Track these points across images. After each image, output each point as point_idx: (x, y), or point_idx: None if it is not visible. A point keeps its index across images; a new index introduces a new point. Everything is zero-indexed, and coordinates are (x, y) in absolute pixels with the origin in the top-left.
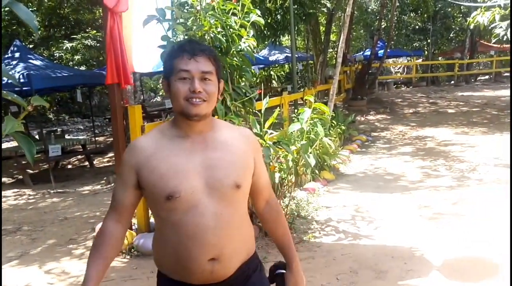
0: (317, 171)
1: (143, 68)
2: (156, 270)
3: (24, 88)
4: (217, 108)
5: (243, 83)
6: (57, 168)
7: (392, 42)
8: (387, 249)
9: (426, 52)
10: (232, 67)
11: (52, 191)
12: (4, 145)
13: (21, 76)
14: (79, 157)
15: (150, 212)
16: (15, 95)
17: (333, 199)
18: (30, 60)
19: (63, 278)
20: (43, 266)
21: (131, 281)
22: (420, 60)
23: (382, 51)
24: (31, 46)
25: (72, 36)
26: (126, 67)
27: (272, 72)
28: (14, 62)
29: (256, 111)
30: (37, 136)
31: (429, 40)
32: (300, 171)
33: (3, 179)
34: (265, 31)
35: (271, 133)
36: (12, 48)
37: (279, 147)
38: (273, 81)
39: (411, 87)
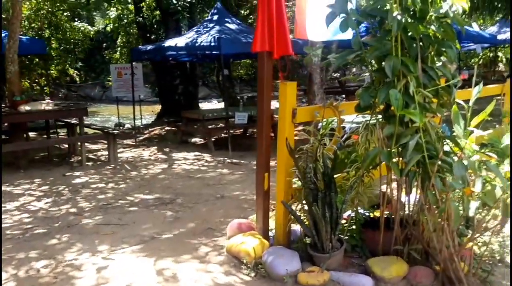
0: None
1: (319, 36)
2: None
3: (213, 52)
4: (391, 97)
5: (439, 63)
6: (245, 136)
7: None
8: None
9: None
10: (427, 39)
11: (227, 160)
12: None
13: (212, 40)
14: None
15: (292, 216)
16: None
17: None
18: (226, 24)
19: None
20: (160, 261)
21: None
22: None
23: None
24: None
25: None
26: (284, 33)
27: (500, 53)
28: (211, 25)
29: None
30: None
31: None
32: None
33: (194, 139)
34: (495, 2)
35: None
36: (212, 10)
37: (487, 155)
38: (500, 64)
39: None
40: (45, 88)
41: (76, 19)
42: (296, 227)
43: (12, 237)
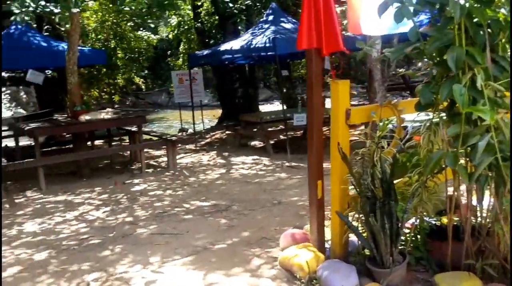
0: None
1: (375, 30)
2: None
3: (269, 53)
4: (455, 92)
5: None
6: (305, 137)
7: None
8: None
9: None
10: (496, 25)
11: (286, 164)
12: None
13: (267, 41)
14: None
15: (348, 226)
16: None
17: None
18: (282, 24)
19: None
20: (210, 274)
21: None
22: None
23: None
24: None
25: None
26: (334, 28)
27: None
28: (266, 26)
29: None
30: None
31: None
32: None
33: (254, 142)
34: None
35: None
36: (267, 11)
37: None
38: None
39: None
40: (113, 96)
41: (141, 29)
42: (354, 237)
43: (67, 248)
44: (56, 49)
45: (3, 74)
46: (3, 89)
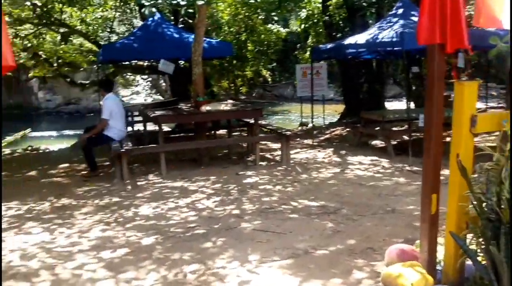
0: None
1: None
2: None
3: (395, 47)
4: None
5: None
6: None
7: None
8: None
9: None
10: None
11: (406, 168)
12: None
13: (394, 35)
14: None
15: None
16: None
17: None
18: (412, 17)
19: None
20: (306, 283)
21: None
22: None
23: None
24: None
25: None
26: (460, 21)
27: None
28: (395, 19)
29: None
30: None
31: None
32: None
33: (374, 141)
34: None
35: None
36: (397, 4)
37: None
38: None
39: None
40: (240, 88)
41: (272, 22)
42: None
43: (174, 235)
44: (186, 40)
45: (143, 63)
46: (145, 77)
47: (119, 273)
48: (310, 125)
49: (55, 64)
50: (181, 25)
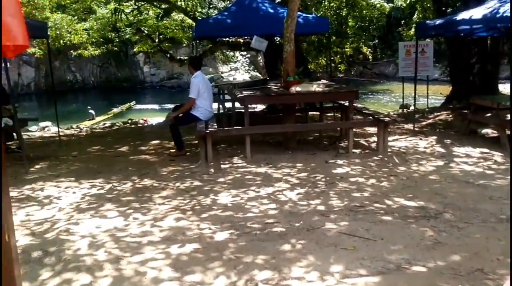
0: None
1: None
2: None
3: None
4: None
5: None
6: None
7: None
8: None
9: None
10: None
11: None
12: None
13: None
14: None
15: None
16: None
17: None
18: None
19: None
20: None
21: None
22: None
23: None
24: None
25: None
26: None
27: None
28: None
29: None
30: None
31: None
32: None
33: (485, 130)
34: None
35: None
36: None
37: None
38: None
39: None
40: (339, 65)
41: None
42: None
43: (250, 231)
44: (282, 16)
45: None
46: (244, 53)
47: (185, 274)
48: (411, 108)
49: (156, 40)
50: (278, 0)
